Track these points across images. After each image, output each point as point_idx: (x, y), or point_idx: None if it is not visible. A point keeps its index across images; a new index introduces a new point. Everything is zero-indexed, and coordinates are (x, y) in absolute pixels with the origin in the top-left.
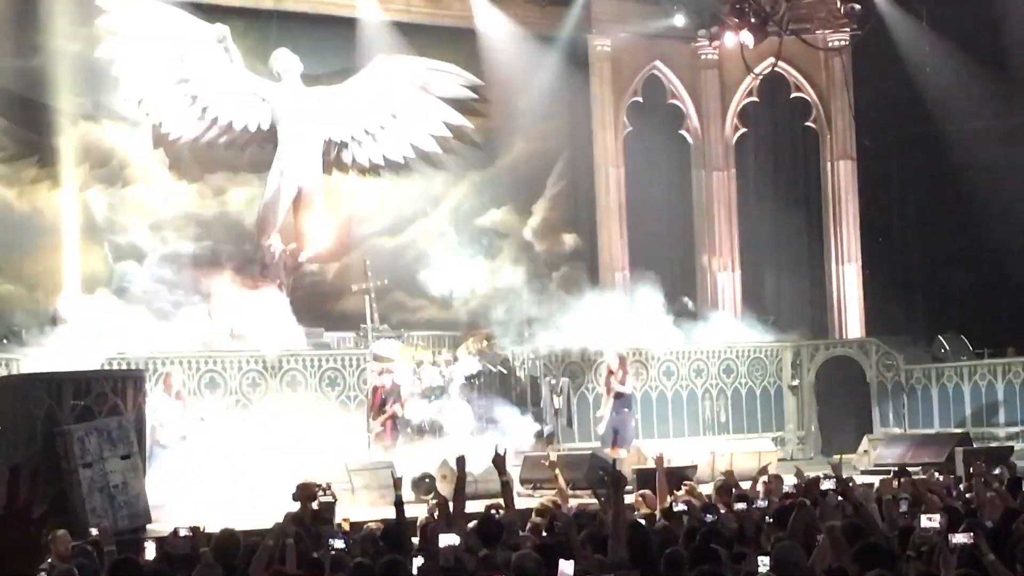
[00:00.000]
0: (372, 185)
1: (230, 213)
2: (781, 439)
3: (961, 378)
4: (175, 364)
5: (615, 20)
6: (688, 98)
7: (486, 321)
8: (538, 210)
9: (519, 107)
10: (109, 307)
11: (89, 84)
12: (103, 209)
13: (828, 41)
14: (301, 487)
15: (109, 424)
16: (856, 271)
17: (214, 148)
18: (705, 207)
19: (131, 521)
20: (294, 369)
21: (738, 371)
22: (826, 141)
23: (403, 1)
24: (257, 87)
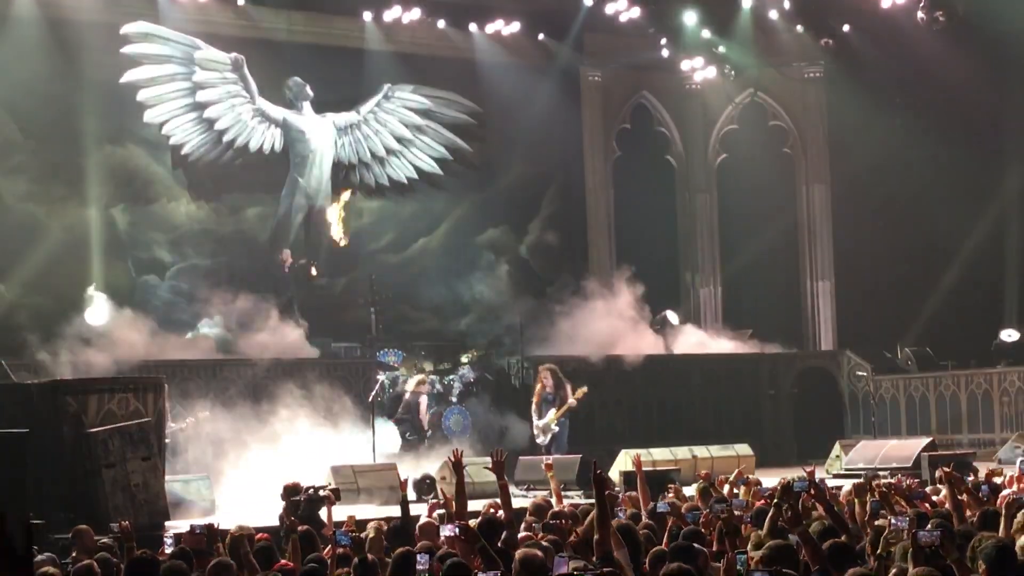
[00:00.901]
0: (378, 205)
1: (245, 230)
2: (759, 444)
3: (927, 388)
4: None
5: (605, 53)
6: (673, 125)
7: (483, 333)
8: (533, 229)
9: (516, 133)
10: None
11: (114, 109)
12: (126, 226)
13: (804, 73)
14: (286, 487)
15: (131, 427)
16: (829, 287)
17: (230, 169)
18: (689, 227)
19: (150, 518)
20: (304, 376)
21: (719, 379)
22: (801, 166)
23: (408, 34)
24: (271, 112)
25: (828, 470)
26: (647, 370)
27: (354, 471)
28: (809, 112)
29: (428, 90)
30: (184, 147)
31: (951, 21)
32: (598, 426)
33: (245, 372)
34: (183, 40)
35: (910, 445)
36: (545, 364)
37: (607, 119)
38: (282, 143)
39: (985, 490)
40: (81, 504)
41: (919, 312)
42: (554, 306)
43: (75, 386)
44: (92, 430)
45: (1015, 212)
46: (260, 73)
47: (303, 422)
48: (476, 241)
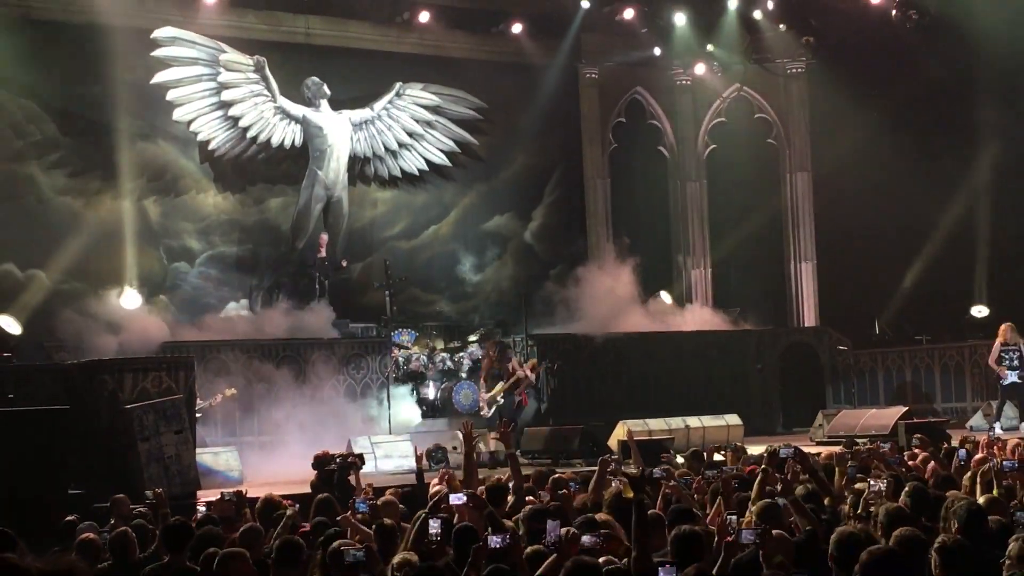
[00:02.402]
0: (391, 195)
1: (268, 219)
2: (747, 415)
3: (903, 361)
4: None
5: (602, 51)
6: (665, 119)
7: (490, 313)
8: (536, 216)
9: (519, 127)
10: (164, 302)
11: (146, 108)
12: (158, 217)
13: (787, 69)
14: (316, 457)
15: (164, 403)
16: (812, 268)
17: (254, 163)
18: (680, 213)
19: (183, 488)
20: (324, 355)
21: (710, 355)
22: (785, 156)
23: (417, 35)
24: (291, 110)
25: (812, 438)
26: (644, 346)
27: (371, 442)
28: (792, 105)
29: (437, 88)
30: (211, 143)
31: (924, 19)
32: (598, 399)
33: (269, 351)
34: (209, 43)
35: (887, 414)
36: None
37: (604, 113)
38: (302, 138)
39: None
40: (118, 476)
41: (896, 290)
42: (556, 287)
43: (111, 366)
44: (128, 406)
45: (984, 197)
46: (281, 73)
47: (324, 398)
48: (483, 228)
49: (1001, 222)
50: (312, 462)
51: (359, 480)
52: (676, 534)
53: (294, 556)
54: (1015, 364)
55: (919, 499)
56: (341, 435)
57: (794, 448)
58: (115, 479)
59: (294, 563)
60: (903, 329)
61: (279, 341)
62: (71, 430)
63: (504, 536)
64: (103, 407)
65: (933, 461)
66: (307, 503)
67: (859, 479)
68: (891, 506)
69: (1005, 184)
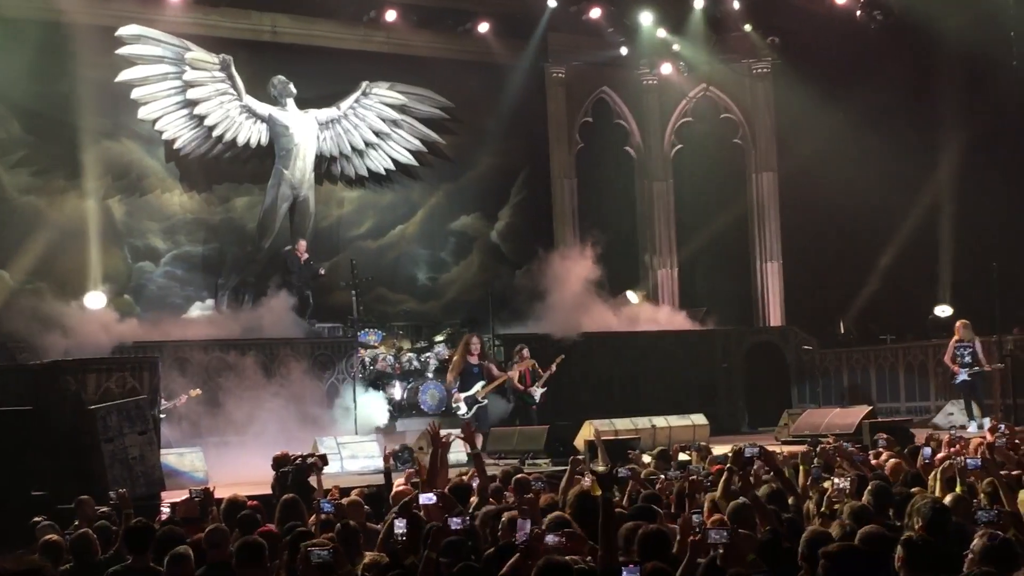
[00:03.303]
0: (358, 194)
1: (234, 219)
2: (713, 414)
3: (868, 360)
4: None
5: (569, 51)
6: (632, 118)
7: (457, 313)
8: (503, 216)
9: (485, 127)
10: (128, 301)
11: (110, 106)
12: (122, 216)
13: (752, 69)
14: (275, 458)
15: (128, 404)
16: (777, 268)
17: (220, 162)
18: (647, 213)
19: (148, 489)
20: (290, 354)
21: (676, 354)
22: (751, 156)
23: (384, 34)
24: (257, 109)
25: (777, 437)
26: (610, 346)
27: (337, 443)
28: (758, 105)
29: (404, 87)
30: (176, 142)
31: (888, 19)
32: (565, 399)
33: (235, 351)
34: (174, 42)
35: (852, 413)
36: (472, 334)
37: (570, 113)
38: (268, 137)
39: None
40: (82, 477)
41: (860, 290)
42: (522, 287)
43: (75, 366)
44: (91, 407)
45: (948, 198)
46: (247, 72)
47: (290, 397)
48: (450, 227)
49: (965, 222)
50: (272, 463)
51: (320, 481)
52: (642, 533)
53: (256, 556)
54: (967, 361)
55: (882, 497)
56: (307, 435)
57: (759, 447)
58: (79, 480)
59: (256, 563)
60: (868, 329)
61: (245, 341)
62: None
63: (464, 519)
64: (66, 408)
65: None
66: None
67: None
68: (855, 504)
69: (969, 184)
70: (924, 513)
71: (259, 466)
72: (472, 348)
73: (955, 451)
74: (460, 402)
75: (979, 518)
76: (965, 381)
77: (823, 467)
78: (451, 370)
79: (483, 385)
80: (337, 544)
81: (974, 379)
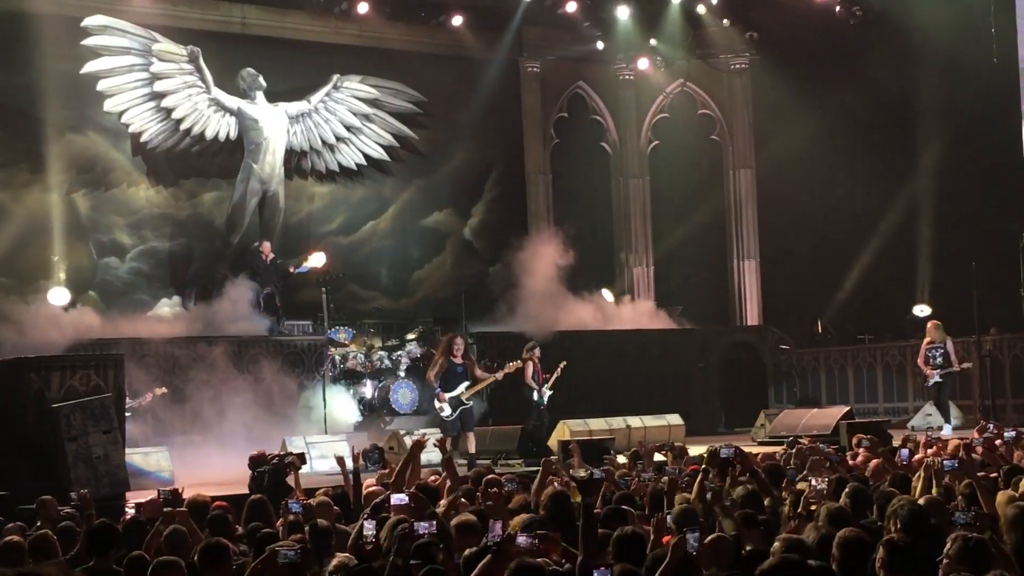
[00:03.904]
0: (329, 189)
1: (202, 214)
2: (688, 414)
3: (845, 360)
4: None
5: (544, 45)
6: (608, 114)
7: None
8: (476, 212)
9: (459, 121)
10: (93, 298)
11: (75, 99)
12: (88, 210)
13: (730, 64)
14: (251, 457)
15: (92, 402)
16: (754, 266)
17: (187, 156)
18: (623, 210)
19: (112, 488)
20: (258, 352)
21: (652, 353)
22: (728, 152)
23: (356, 27)
24: (226, 102)
25: (753, 438)
26: (585, 345)
27: (306, 442)
28: (735, 101)
29: (375, 80)
30: (143, 135)
31: (868, 16)
32: None
33: (202, 349)
34: (141, 33)
35: (829, 414)
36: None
37: (545, 108)
38: (237, 131)
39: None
40: (45, 477)
41: (838, 290)
42: (496, 284)
43: (38, 363)
44: (55, 405)
45: (926, 197)
46: (215, 64)
47: (258, 396)
48: (422, 224)
49: (943, 221)
50: (248, 462)
51: (298, 481)
52: (618, 535)
53: (219, 558)
54: (938, 363)
55: (859, 499)
56: (276, 435)
57: (735, 448)
58: (41, 480)
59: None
60: (845, 328)
61: (212, 338)
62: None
63: (432, 523)
64: (29, 406)
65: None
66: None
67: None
68: (832, 506)
69: (947, 183)
70: (902, 515)
71: (227, 465)
72: (455, 349)
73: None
74: (444, 403)
75: (956, 520)
76: (937, 383)
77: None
78: (432, 367)
79: (468, 386)
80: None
81: (945, 380)
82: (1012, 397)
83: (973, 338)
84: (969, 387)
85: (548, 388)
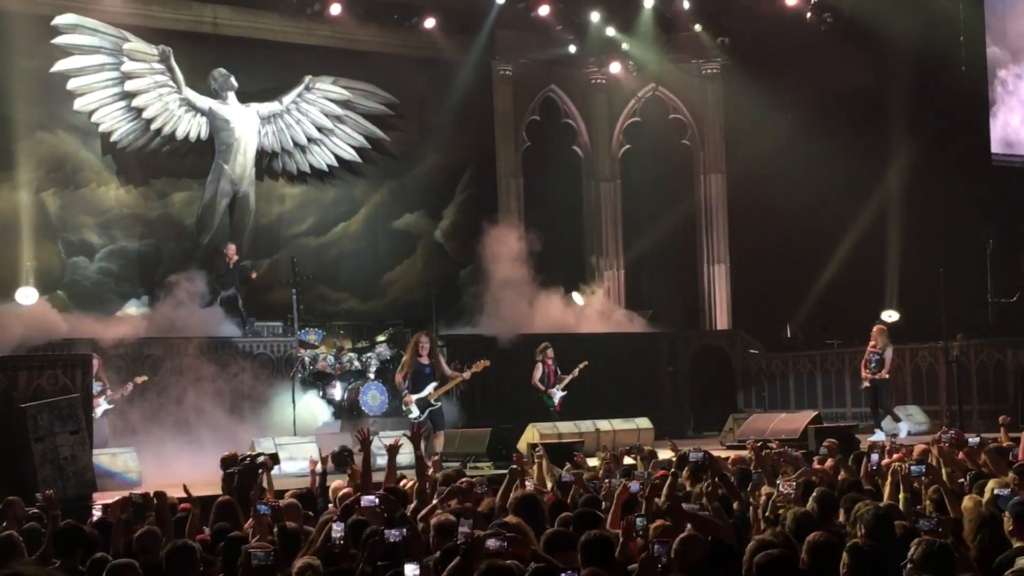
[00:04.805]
0: (300, 191)
1: (172, 214)
2: (658, 418)
3: (814, 365)
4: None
5: (516, 48)
6: (580, 118)
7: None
8: (448, 214)
9: (431, 124)
10: (61, 298)
11: (45, 97)
12: (57, 210)
13: (702, 69)
14: (223, 458)
15: (59, 403)
16: (724, 270)
17: (158, 156)
18: (594, 213)
19: (79, 490)
20: (228, 354)
21: (621, 357)
22: (699, 157)
23: (328, 28)
24: (197, 102)
25: (722, 442)
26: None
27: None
28: (707, 106)
29: (347, 82)
30: (113, 134)
31: (838, 22)
32: (508, 401)
33: (171, 349)
34: (112, 32)
35: (798, 418)
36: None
37: (517, 111)
38: (208, 131)
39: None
40: (11, 477)
41: (808, 294)
42: (466, 287)
43: (5, 363)
44: (22, 405)
45: (896, 202)
46: (187, 64)
47: (227, 397)
48: (393, 226)
49: (912, 227)
50: (220, 463)
51: (271, 482)
52: (584, 538)
53: (185, 560)
54: (872, 367)
55: (826, 503)
56: (245, 436)
57: (704, 452)
58: (7, 480)
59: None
60: (814, 333)
61: (181, 339)
62: None
63: (401, 530)
64: None
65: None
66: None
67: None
68: (798, 510)
69: (917, 188)
70: (866, 519)
71: (196, 467)
72: (421, 348)
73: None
74: (412, 404)
75: (920, 526)
76: (867, 388)
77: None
78: (400, 370)
79: (435, 387)
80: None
81: (875, 385)
82: (978, 403)
83: (940, 344)
84: (936, 393)
85: (561, 389)
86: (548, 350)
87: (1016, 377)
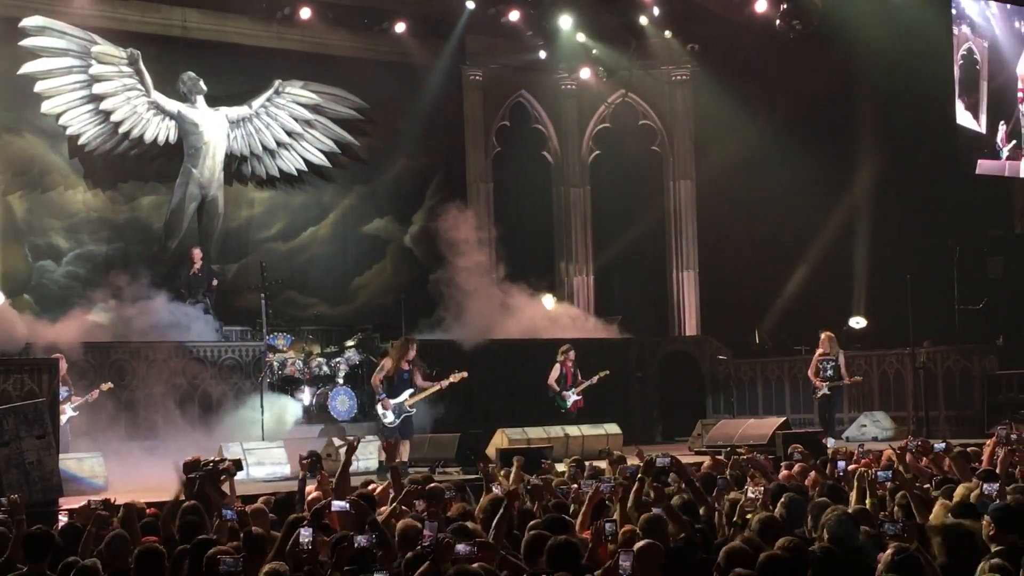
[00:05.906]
0: (269, 195)
1: (140, 218)
2: (626, 424)
3: (782, 371)
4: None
5: (486, 53)
6: (550, 123)
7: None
8: (417, 220)
9: (400, 128)
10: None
11: (12, 100)
12: (24, 213)
13: (672, 76)
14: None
15: (25, 407)
16: (694, 277)
17: (126, 159)
18: (564, 219)
19: (45, 495)
20: (196, 358)
21: (590, 362)
22: (669, 163)
23: (298, 32)
24: (166, 106)
25: (691, 447)
26: (523, 353)
27: (243, 448)
28: (676, 112)
29: (317, 86)
30: (81, 137)
31: (806, 30)
32: (476, 407)
33: (138, 353)
34: (80, 34)
35: (766, 424)
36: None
37: (487, 116)
38: (176, 135)
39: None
40: None
41: (776, 301)
42: (435, 292)
43: None
44: None
45: (863, 209)
46: (155, 67)
47: (195, 403)
48: (363, 230)
49: (879, 234)
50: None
51: (233, 487)
52: (551, 544)
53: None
54: (829, 375)
55: (794, 509)
56: (213, 441)
57: (671, 457)
58: None
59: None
60: (782, 339)
61: (149, 343)
62: None
63: (370, 536)
64: None
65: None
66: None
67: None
68: (763, 515)
69: (885, 195)
70: (830, 525)
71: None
72: (409, 354)
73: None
74: (388, 409)
75: (886, 531)
76: (825, 395)
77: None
78: (379, 372)
79: (411, 393)
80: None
81: (834, 393)
82: (945, 409)
83: (908, 350)
84: (903, 399)
85: (576, 393)
86: (570, 352)
87: (982, 383)
